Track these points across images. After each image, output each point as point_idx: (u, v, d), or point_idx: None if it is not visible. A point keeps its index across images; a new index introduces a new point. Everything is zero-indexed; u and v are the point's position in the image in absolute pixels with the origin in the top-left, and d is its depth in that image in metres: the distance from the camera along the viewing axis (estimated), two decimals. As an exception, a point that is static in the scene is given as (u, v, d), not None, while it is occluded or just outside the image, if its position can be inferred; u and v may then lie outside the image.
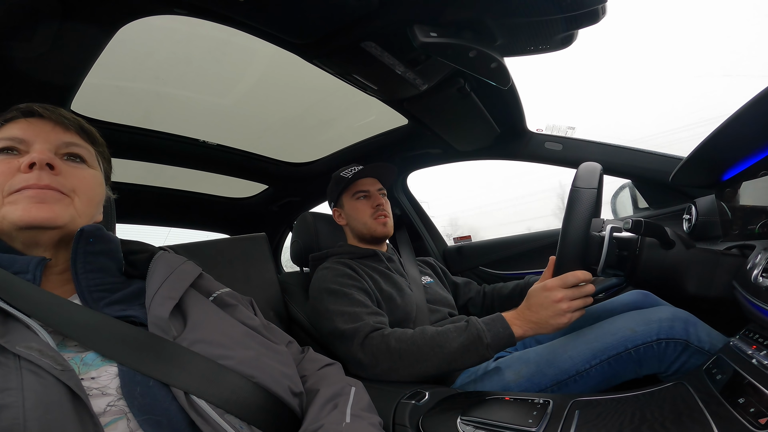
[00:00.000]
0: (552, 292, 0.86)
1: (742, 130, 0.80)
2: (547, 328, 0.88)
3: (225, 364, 0.56)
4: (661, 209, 1.45)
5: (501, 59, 0.87)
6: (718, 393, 0.57)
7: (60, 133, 0.64)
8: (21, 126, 0.62)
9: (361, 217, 1.36)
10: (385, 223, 1.36)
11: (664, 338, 0.81)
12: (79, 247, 0.60)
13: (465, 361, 0.90)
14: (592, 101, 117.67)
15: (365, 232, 1.37)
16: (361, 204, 1.37)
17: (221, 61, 1.07)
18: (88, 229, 0.60)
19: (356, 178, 1.37)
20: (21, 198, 0.57)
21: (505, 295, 1.40)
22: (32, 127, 0.62)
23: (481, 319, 0.93)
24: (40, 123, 0.63)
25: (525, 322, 0.90)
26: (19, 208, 0.56)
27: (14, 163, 0.59)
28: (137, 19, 0.80)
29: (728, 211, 0.99)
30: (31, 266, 0.57)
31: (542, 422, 0.63)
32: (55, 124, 0.64)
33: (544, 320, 0.87)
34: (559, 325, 0.86)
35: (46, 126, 0.63)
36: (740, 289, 0.68)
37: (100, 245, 0.62)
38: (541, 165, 1.62)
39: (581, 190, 0.84)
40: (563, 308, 0.85)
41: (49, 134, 0.63)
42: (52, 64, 0.84)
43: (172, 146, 1.42)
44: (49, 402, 0.42)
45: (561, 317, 0.86)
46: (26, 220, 0.56)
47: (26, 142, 0.61)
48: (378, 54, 0.91)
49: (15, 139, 0.60)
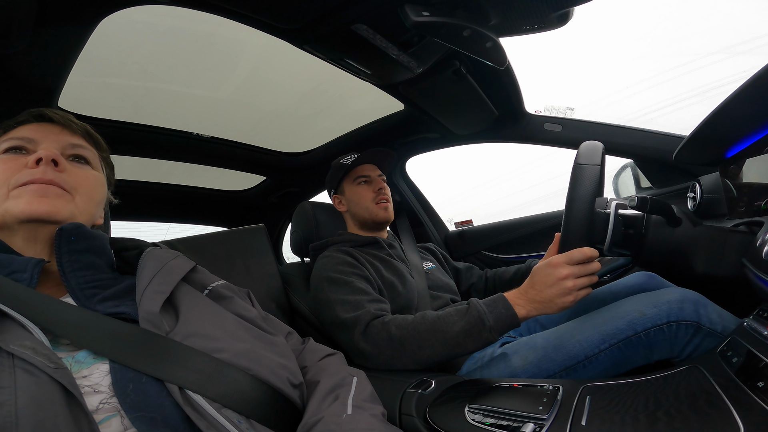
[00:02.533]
0: (557, 269, 0.83)
1: (746, 107, 0.78)
2: (552, 308, 0.84)
3: (220, 358, 0.56)
4: (665, 188, 1.43)
5: (496, 38, 0.84)
6: (734, 376, 0.56)
7: (67, 135, 0.69)
8: (31, 128, 0.66)
9: (363, 201, 1.36)
10: (386, 208, 1.36)
11: (675, 321, 0.78)
12: (62, 245, 0.60)
13: (468, 345, 0.88)
14: (590, 81, 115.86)
15: (367, 216, 1.36)
16: (363, 189, 1.37)
17: (209, 52, 1.04)
18: (67, 228, 0.60)
19: (357, 163, 1.37)
20: (24, 192, 0.59)
21: (506, 279, 1.40)
22: (42, 129, 0.67)
23: (483, 301, 0.90)
24: (49, 126, 0.68)
25: (528, 302, 0.87)
26: (22, 201, 0.58)
27: (22, 160, 0.62)
28: (117, 11, 0.77)
29: (733, 188, 0.98)
30: (29, 266, 0.57)
31: (553, 409, 0.62)
32: (64, 128, 0.69)
33: (549, 299, 0.84)
34: (565, 305, 0.83)
35: (55, 128, 0.68)
36: (751, 266, 0.67)
37: (83, 243, 0.62)
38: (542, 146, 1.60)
39: (584, 166, 0.82)
40: (569, 286, 0.82)
41: (57, 135, 0.67)
42: (34, 61, 0.82)
43: (165, 140, 1.39)
44: (42, 400, 0.42)
45: (567, 296, 0.82)
46: (27, 213, 0.58)
47: (35, 141, 0.65)
48: (370, 37, 0.88)
49: (25, 138, 0.64)
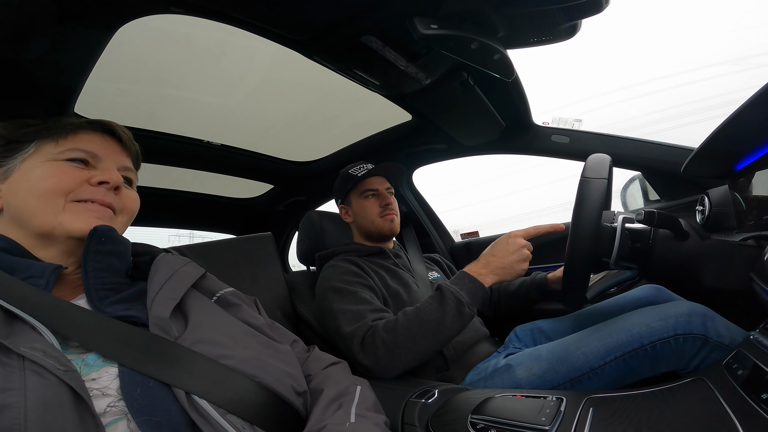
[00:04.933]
0: (517, 239, 1.01)
1: (755, 119, 0.78)
2: (511, 273, 0.99)
3: (227, 364, 0.56)
4: (673, 201, 1.42)
5: (504, 51, 0.85)
6: (739, 388, 0.55)
7: (124, 157, 0.71)
8: (96, 140, 0.67)
9: (369, 215, 1.37)
10: (392, 220, 1.37)
11: (682, 333, 0.78)
12: (91, 245, 0.61)
13: (456, 326, 0.94)
14: (598, 92, 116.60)
15: (372, 229, 1.37)
16: (370, 203, 1.38)
17: (222, 60, 1.06)
18: (101, 229, 0.61)
19: (365, 177, 1.38)
20: (83, 210, 0.61)
21: (511, 292, 1.38)
22: (107, 145, 0.68)
23: (449, 281, 1.00)
24: (113, 143, 0.69)
25: (492, 270, 1.00)
26: (79, 219, 0.60)
27: (84, 174, 0.63)
28: (135, 20, 0.80)
29: (742, 201, 0.97)
30: (46, 273, 0.57)
31: (555, 420, 0.61)
32: (124, 149, 0.71)
33: (510, 265, 0.99)
34: (523, 270, 1.00)
35: (116, 147, 0.70)
36: (759, 281, 0.66)
37: (110, 245, 0.63)
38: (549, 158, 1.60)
39: (591, 180, 0.82)
40: (527, 254, 1.01)
41: (117, 156, 0.69)
42: (52, 66, 0.84)
43: (177, 147, 1.41)
44: (51, 402, 0.42)
45: (524, 262, 1.00)
46: (83, 232, 0.60)
47: (98, 158, 0.65)
48: (379, 48, 0.89)
49: (90, 153, 0.65)
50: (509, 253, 1.00)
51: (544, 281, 1.25)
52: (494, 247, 1.03)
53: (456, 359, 1.10)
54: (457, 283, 0.98)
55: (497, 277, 0.99)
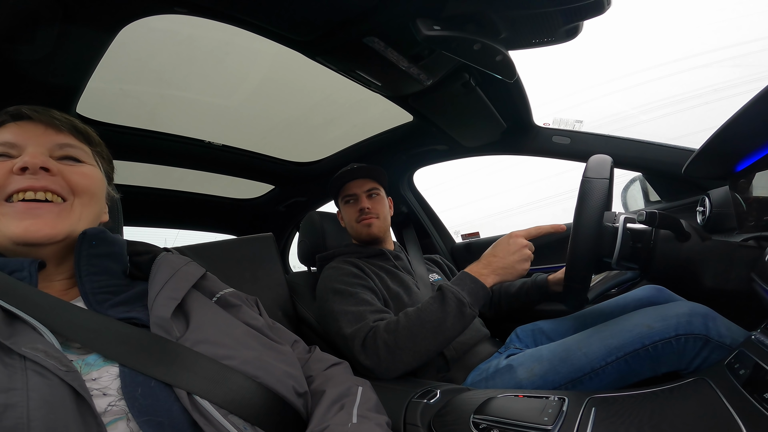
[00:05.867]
0: (518, 239, 1.01)
1: (756, 121, 0.78)
2: (513, 274, 0.99)
3: (228, 365, 0.56)
4: (674, 202, 1.42)
5: (506, 52, 0.86)
6: (741, 388, 0.55)
7: (52, 135, 0.63)
8: (12, 130, 0.61)
9: (349, 221, 1.39)
10: (369, 224, 1.35)
11: (683, 334, 0.78)
12: (83, 249, 0.60)
13: (456, 326, 0.93)
14: (598, 92, 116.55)
15: (354, 234, 1.39)
16: (349, 208, 1.39)
17: (224, 61, 1.06)
18: (91, 232, 0.61)
19: (341, 183, 1.39)
20: (13, 212, 0.56)
21: (512, 293, 1.38)
22: (23, 130, 0.61)
23: (451, 282, 0.99)
24: (31, 126, 0.62)
25: (493, 270, 0.99)
26: (15, 223, 0.56)
27: (8, 164, 0.58)
28: (138, 20, 0.80)
29: (743, 202, 0.97)
30: (25, 265, 0.56)
31: (558, 420, 0.61)
32: (47, 126, 0.63)
33: (511, 265, 0.99)
34: (524, 270, 1.00)
35: (37, 129, 0.62)
36: (759, 281, 0.66)
37: (103, 247, 0.62)
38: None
39: (593, 180, 0.82)
40: (528, 254, 1.00)
41: (40, 137, 0.62)
42: (55, 66, 0.84)
43: (178, 148, 1.42)
44: (53, 402, 0.42)
45: (525, 262, 1.00)
46: (24, 239, 0.56)
47: (18, 146, 0.60)
48: (381, 49, 0.90)
49: (6, 143, 0.59)
50: (510, 253, 0.99)
51: (545, 283, 1.25)
52: (495, 247, 1.02)
53: (457, 360, 1.10)
54: (458, 283, 0.98)
55: (499, 277, 0.99)
